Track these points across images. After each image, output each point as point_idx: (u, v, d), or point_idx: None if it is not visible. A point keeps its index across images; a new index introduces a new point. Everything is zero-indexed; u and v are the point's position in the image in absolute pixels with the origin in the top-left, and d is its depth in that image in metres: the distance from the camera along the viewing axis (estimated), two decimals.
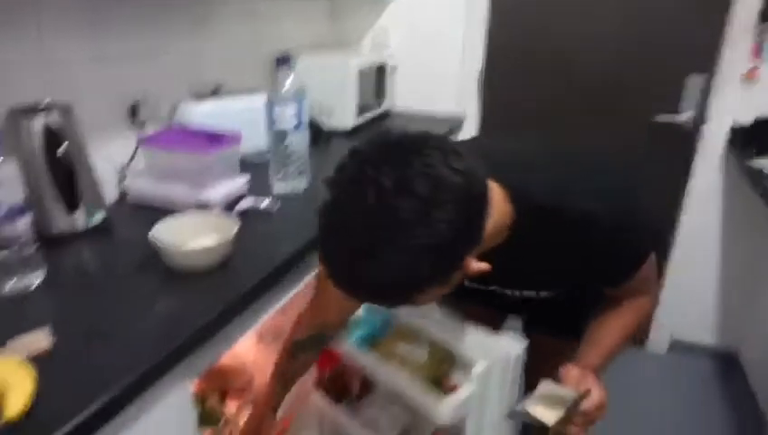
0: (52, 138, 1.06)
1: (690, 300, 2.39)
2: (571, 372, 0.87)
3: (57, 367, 0.75)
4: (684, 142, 2.19)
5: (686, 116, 2.13)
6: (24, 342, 0.79)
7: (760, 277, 2.21)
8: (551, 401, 0.83)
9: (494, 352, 0.97)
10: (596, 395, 0.86)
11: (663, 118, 2.16)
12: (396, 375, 1.05)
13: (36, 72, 1.21)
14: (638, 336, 2.52)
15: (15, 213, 0.90)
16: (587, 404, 0.84)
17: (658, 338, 2.49)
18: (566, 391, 0.84)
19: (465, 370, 1.03)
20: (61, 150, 1.06)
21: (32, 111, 1.07)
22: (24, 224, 0.92)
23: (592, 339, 0.97)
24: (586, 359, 0.93)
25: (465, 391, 0.99)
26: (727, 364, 2.37)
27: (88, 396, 0.69)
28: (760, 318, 2.20)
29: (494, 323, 1.15)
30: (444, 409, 0.98)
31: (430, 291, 0.68)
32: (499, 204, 0.76)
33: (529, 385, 1.05)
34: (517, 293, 0.99)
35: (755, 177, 1.77)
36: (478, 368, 0.91)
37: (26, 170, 1.05)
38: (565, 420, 0.83)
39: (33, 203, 1.00)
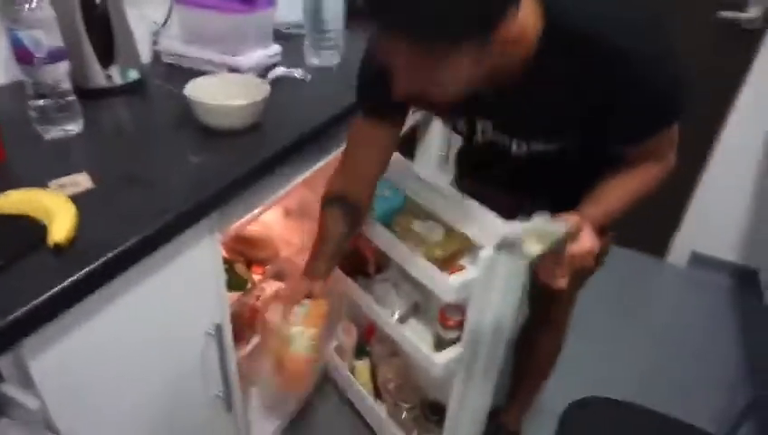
0: None
1: (716, 215, 2.33)
2: (568, 215, 0.83)
3: (96, 206, 0.79)
4: (746, 41, 2.02)
5: (754, 12, 1.96)
6: (65, 182, 0.83)
7: None
8: (541, 237, 0.78)
9: (504, 237, 0.97)
10: (586, 240, 0.81)
11: (726, 14, 1.99)
12: (408, 254, 1.08)
13: None
14: (659, 248, 2.51)
15: (56, 56, 0.91)
16: (575, 247, 0.80)
17: (680, 250, 2.48)
18: (557, 227, 0.79)
19: (474, 253, 1.05)
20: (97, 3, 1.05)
21: None
22: (63, 69, 0.93)
23: (596, 194, 0.91)
24: (586, 209, 0.88)
25: (470, 273, 1.02)
26: (746, 282, 2.37)
27: (125, 232, 0.74)
28: None
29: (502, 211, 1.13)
30: (449, 287, 1.01)
31: (460, 48, 0.66)
32: (528, 14, 0.71)
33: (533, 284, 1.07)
34: (525, 146, 0.93)
35: None
36: (485, 252, 0.93)
37: (64, 22, 1.04)
38: (552, 259, 0.80)
39: (70, 54, 1.01)
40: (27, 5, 0.87)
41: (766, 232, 2.28)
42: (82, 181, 0.84)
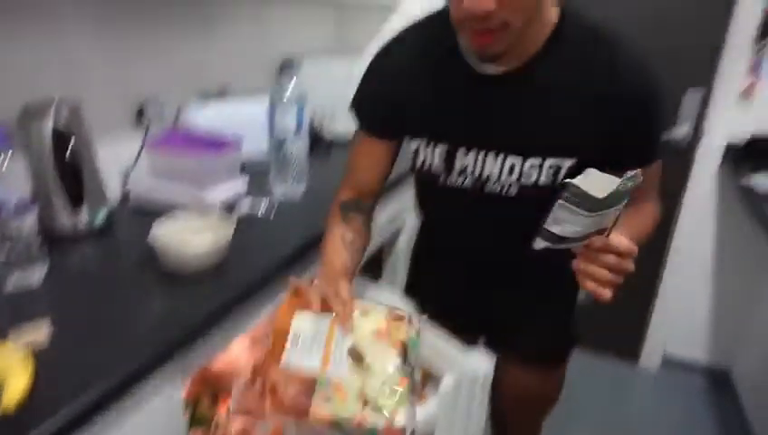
0: (61, 136, 1.10)
1: (683, 315, 2.41)
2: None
3: (55, 359, 0.78)
4: (680, 157, 2.21)
5: (682, 131, 2.16)
6: (24, 333, 0.83)
7: (752, 295, 2.23)
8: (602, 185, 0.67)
9: (463, 367, 0.95)
10: (625, 240, 0.74)
11: None
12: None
13: (53, 71, 1.27)
14: (630, 353, 2.54)
15: (22, 208, 0.94)
16: (619, 241, 0.73)
17: (651, 354, 2.51)
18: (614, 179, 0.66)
19: (435, 382, 1.03)
20: (69, 150, 1.10)
21: (43, 109, 1.10)
22: (30, 219, 0.95)
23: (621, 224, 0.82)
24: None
25: (430, 407, 0.98)
26: (719, 382, 2.39)
27: (83, 387, 0.72)
28: (752, 336, 2.21)
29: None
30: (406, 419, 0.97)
31: None
32: (550, 5, 0.82)
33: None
34: (516, 171, 0.89)
35: (749, 195, 1.79)
36: (446, 382, 0.91)
37: (34, 167, 1.09)
38: (592, 256, 0.72)
39: (39, 200, 1.04)
40: None
41: (731, 331, 2.34)
42: (42, 332, 0.83)
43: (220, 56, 1.81)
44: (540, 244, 0.74)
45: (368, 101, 1.01)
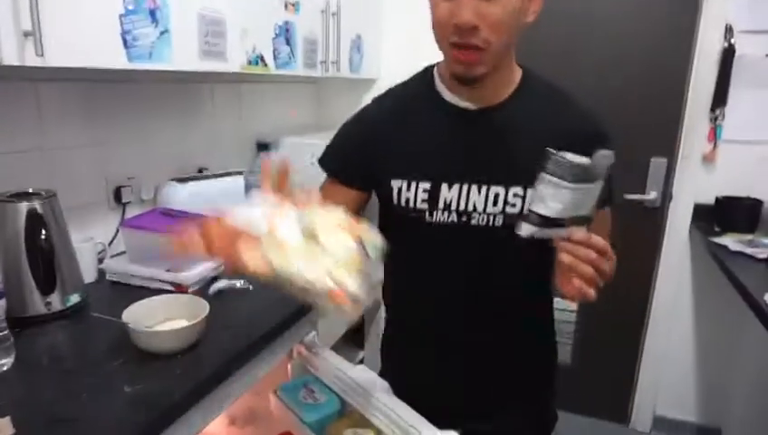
0: (35, 224, 1.11)
1: (669, 375, 2.39)
2: None
3: None
4: (653, 218, 2.28)
5: (652, 195, 2.24)
6: None
7: (733, 350, 2.23)
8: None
9: None
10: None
11: (631, 196, 2.26)
12: None
13: (32, 157, 1.31)
14: (621, 415, 2.50)
15: None
16: (597, 238, 0.76)
17: (641, 415, 2.47)
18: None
19: None
20: (42, 236, 1.11)
21: (17, 197, 1.12)
22: None
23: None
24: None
25: None
26: None
27: None
28: (738, 392, 2.20)
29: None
30: None
31: None
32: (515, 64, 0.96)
33: None
34: (501, 201, 0.92)
35: (720, 252, 1.84)
36: None
37: (6, 254, 1.09)
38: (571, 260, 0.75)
39: (9, 286, 1.04)
40: None
41: (718, 388, 2.33)
42: (4, 428, 0.81)
43: (198, 139, 1.86)
44: (525, 229, 0.78)
45: (342, 152, 1.05)
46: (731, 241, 1.89)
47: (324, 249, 0.68)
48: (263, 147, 1.56)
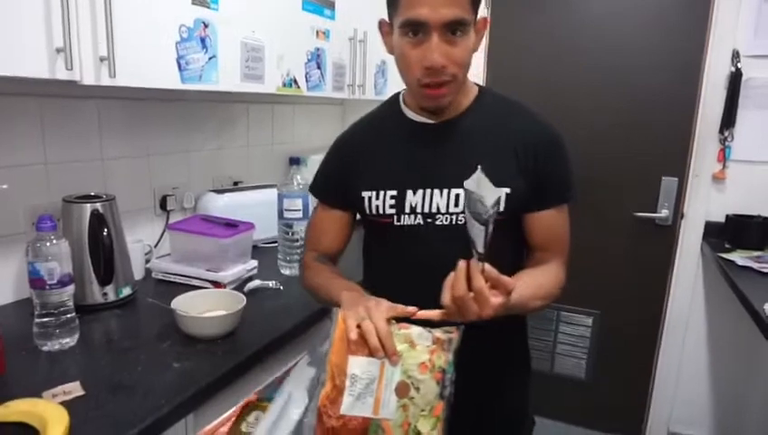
0: (97, 223, 1.27)
1: (684, 391, 2.43)
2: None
3: (87, 412, 0.89)
4: (666, 235, 2.36)
5: (663, 214, 2.32)
6: (58, 391, 0.94)
7: (749, 367, 2.27)
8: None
9: None
10: (495, 301, 0.82)
11: (643, 214, 2.34)
12: None
13: (93, 166, 1.48)
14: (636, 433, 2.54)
15: (65, 282, 1.08)
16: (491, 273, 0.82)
17: (656, 431, 2.51)
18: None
19: None
20: (103, 235, 1.27)
21: (82, 199, 1.28)
22: (69, 291, 1.10)
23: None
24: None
25: None
26: None
27: None
28: (754, 410, 2.23)
29: None
30: None
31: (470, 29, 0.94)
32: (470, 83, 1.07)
33: None
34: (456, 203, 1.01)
35: (727, 267, 1.90)
36: None
37: (72, 249, 1.25)
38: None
39: (75, 275, 1.19)
40: (48, 242, 1.07)
41: (732, 405, 2.36)
42: (75, 390, 0.95)
43: (234, 154, 2.03)
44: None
45: (326, 181, 1.18)
46: (739, 257, 1.96)
47: (413, 405, 0.86)
48: (294, 161, 1.71)
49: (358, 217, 1.16)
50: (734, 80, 2.13)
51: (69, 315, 1.11)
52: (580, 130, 2.33)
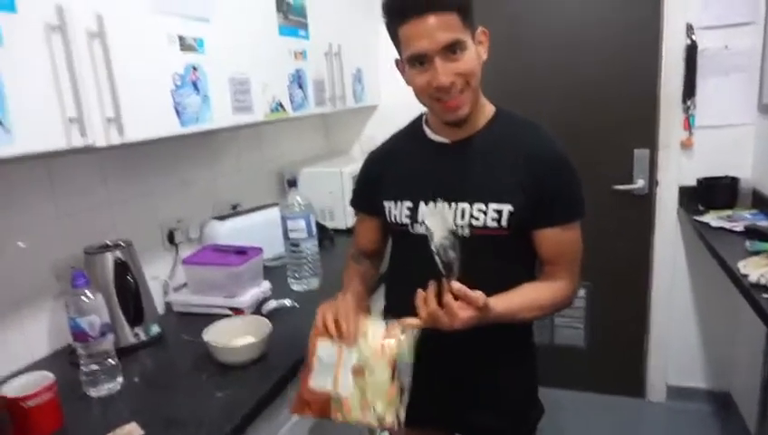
0: (121, 269, 1.34)
1: (676, 346, 2.59)
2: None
3: None
4: (643, 204, 2.50)
5: (639, 184, 2.46)
6: (124, 432, 1.03)
7: (735, 319, 2.43)
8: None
9: None
10: (464, 314, 0.97)
11: (621, 186, 2.48)
12: None
13: (101, 212, 1.54)
14: (636, 389, 2.70)
15: (105, 331, 1.16)
16: (456, 306, 0.97)
17: (655, 387, 2.68)
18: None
19: None
20: (128, 278, 1.34)
21: (104, 248, 1.36)
22: (110, 339, 1.18)
23: (506, 293, 1.07)
24: (493, 300, 1.01)
25: None
26: (722, 405, 2.54)
27: None
28: (743, 358, 2.39)
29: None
30: None
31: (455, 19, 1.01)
32: (486, 101, 1.17)
33: None
34: (467, 216, 1.11)
35: (703, 230, 2.05)
36: None
37: (101, 295, 1.32)
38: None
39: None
40: (85, 297, 1.14)
41: (723, 353, 2.52)
42: (135, 431, 1.03)
43: (228, 179, 2.10)
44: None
45: (358, 191, 1.37)
46: (712, 218, 2.10)
47: (368, 386, 1.04)
48: (291, 183, 1.80)
49: None
50: (691, 51, 2.26)
51: (113, 361, 1.19)
52: (551, 112, 2.43)
